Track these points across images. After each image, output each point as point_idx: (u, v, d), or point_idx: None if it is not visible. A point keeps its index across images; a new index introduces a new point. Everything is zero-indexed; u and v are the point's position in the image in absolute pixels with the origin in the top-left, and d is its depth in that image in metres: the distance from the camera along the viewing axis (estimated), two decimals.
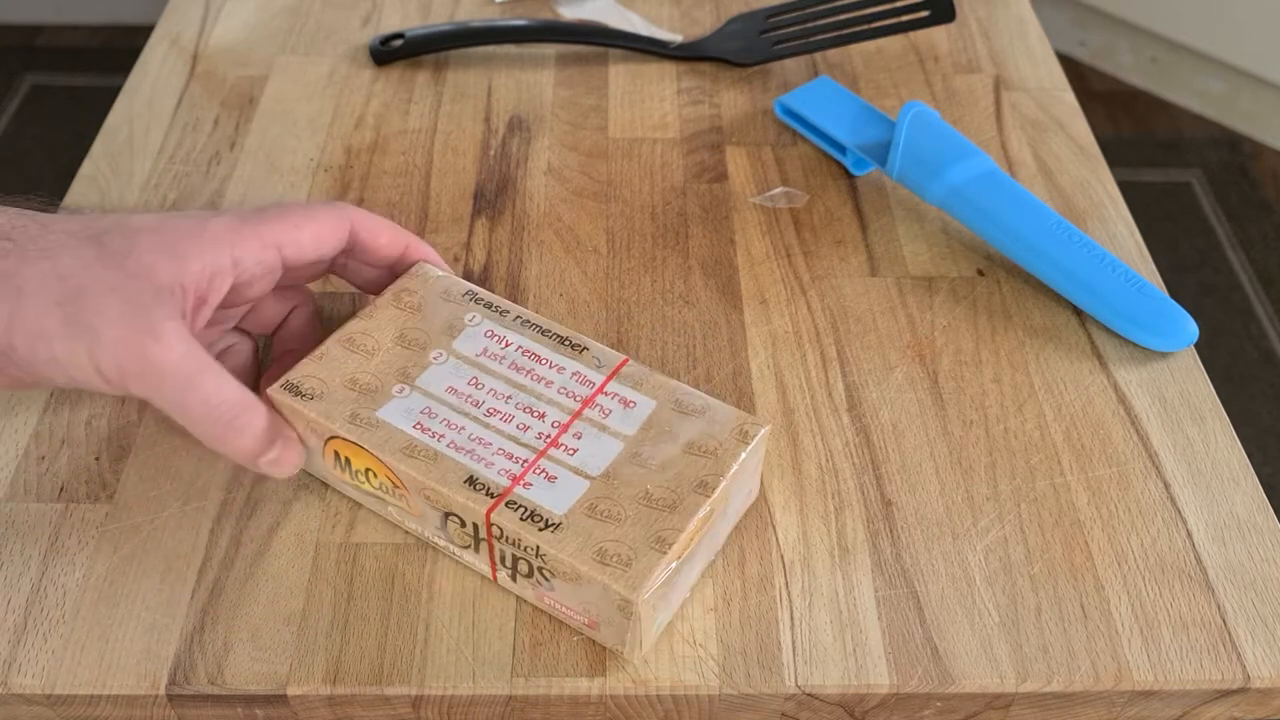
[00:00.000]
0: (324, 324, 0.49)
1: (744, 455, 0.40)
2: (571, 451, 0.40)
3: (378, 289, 0.46)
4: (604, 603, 0.37)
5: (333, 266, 0.46)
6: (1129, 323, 0.50)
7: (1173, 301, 0.50)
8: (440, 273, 0.46)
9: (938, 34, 0.68)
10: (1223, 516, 0.44)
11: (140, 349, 0.37)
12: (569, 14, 0.70)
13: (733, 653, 0.40)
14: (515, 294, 0.52)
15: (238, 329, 0.47)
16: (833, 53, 0.67)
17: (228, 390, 0.38)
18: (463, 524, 0.39)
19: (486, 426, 0.40)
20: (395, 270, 0.46)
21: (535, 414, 0.41)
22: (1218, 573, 0.42)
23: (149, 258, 0.38)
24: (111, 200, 0.56)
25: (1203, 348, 0.50)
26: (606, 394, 0.41)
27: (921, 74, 0.66)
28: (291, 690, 0.39)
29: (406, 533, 0.43)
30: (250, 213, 0.42)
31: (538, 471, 0.39)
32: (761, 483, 0.44)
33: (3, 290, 0.37)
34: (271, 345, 0.48)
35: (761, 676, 0.39)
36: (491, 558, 0.40)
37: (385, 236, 0.45)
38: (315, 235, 0.43)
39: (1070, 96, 0.64)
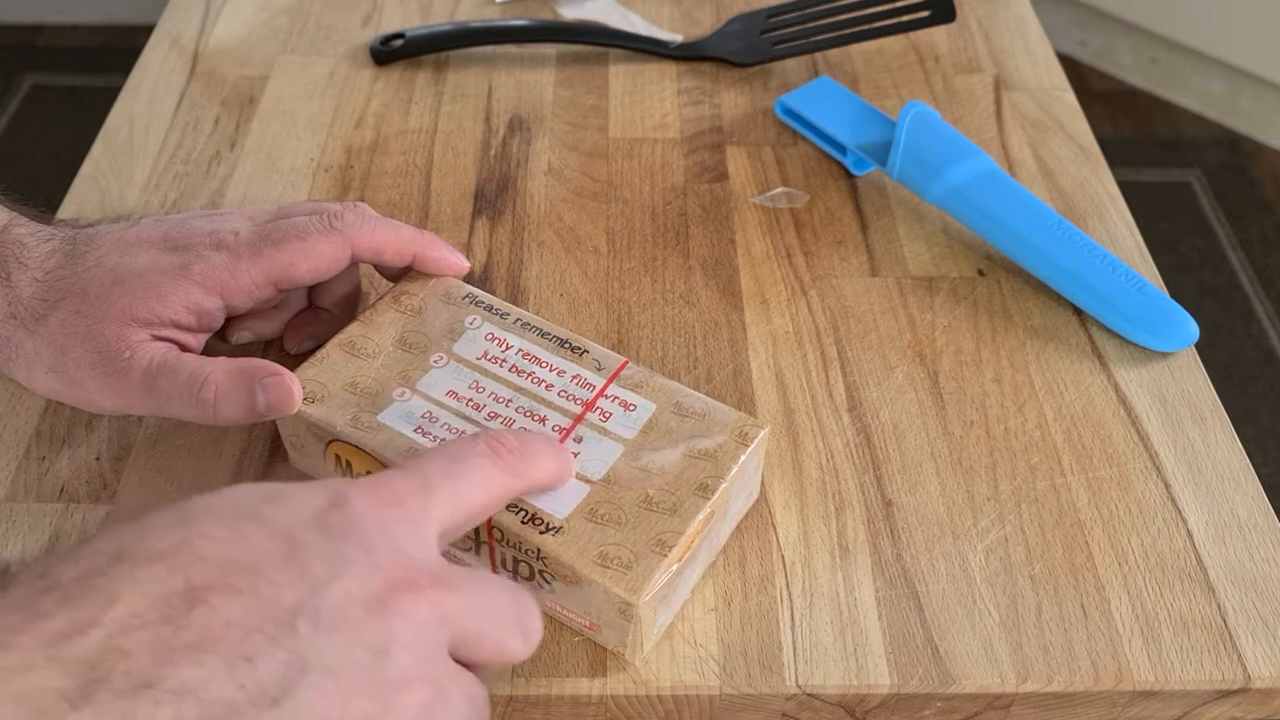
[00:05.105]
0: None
1: (744, 457, 0.40)
2: (572, 455, 0.40)
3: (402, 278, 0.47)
4: (605, 606, 0.37)
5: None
6: (1129, 323, 0.50)
7: (1173, 301, 0.50)
8: (440, 275, 0.46)
9: (938, 34, 0.68)
10: (1223, 516, 0.44)
11: (116, 388, 0.41)
12: (569, 14, 0.70)
13: (733, 653, 0.40)
14: (515, 294, 0.52)
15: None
16: (833, 53, 0.67)
17: (183, 373, 0.41)
18: None
19: (487, 430, 0.40)
20: (416, 269, 0.46)
21: (536, 418, 0.41)
22: (1218, 573, 0.42)
23: (123, 302, 0.41)
24: (112, 200, 0.56)
25: (1203, 348, 0.50)
26: (607, 397, 0.41)
27: (921, 74, 0.66)
28: None
29: None
30: (247, 245, 0.43)
31: None
32: (762, 483, 0.44)
33: (15, 357, 0.43)
34: (310, 298, 0.49)
35: (762, 676, 0.39)
36: (492, 560, 0.40)
37: (389, 253, 0.45)
38: (312, 269, 0.43)
39: (1070, 96, 0.64)
